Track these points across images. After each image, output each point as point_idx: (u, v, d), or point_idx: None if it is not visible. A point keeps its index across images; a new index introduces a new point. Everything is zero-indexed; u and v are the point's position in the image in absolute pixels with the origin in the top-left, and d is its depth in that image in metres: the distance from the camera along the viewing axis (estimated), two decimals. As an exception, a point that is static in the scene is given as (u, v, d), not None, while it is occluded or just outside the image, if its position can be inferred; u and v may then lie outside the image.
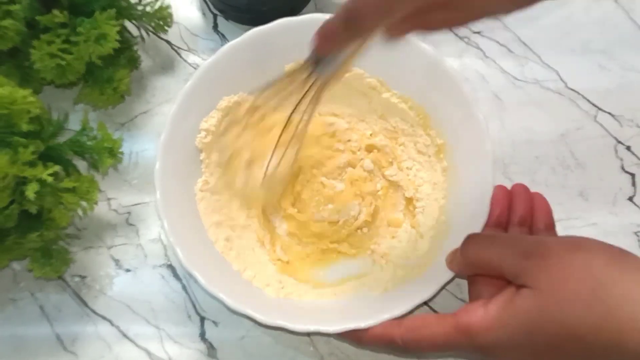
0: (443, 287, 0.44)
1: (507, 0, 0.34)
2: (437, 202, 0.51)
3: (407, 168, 0.53)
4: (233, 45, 0.50)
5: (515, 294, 0.38)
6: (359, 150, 0.54)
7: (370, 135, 0.54)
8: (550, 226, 0.47)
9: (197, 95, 0.49)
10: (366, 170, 0.53)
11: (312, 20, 0.50)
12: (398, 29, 0.37)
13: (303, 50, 0.51)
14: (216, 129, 0.50)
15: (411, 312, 0.43)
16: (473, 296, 0.44)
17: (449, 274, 0.44)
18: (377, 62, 0.51)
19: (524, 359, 0.39)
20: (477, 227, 0.45)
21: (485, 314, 0.39)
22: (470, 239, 0.42)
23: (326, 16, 0.49)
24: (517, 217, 0.47)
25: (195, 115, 0.49)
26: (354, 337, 0.43)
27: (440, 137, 0.51)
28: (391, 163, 0.53)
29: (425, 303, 0.44)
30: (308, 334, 0.49)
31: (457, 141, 0.49)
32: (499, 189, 0.47)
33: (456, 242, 0.44)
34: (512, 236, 0.41)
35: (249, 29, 0.50)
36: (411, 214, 0.52)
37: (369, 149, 0.54)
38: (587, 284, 0.35)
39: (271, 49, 0.51)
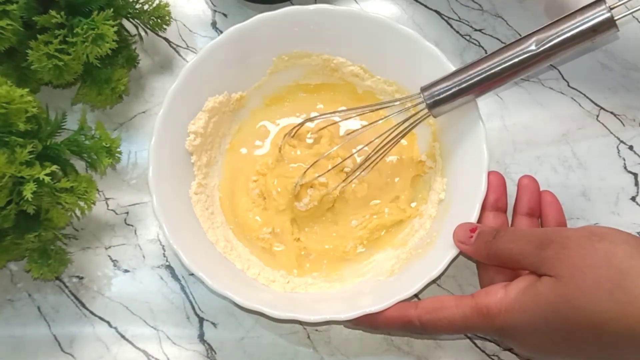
0: (449, 265, 0.44)
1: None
2: (434, 182, 0.51)
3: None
4: (214, 44, 0.50)
5: (537, 280, 0.39)
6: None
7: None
8: (562, 224, 0.48)
9: (183, 96, 0.49)
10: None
11: (288, 13, 0.50)
12: None
13: (283, 44, 0.52)
14: (204, 131, 0.50)
15: (421, 292, 0.44)
16: (485, 280, 0.45)
17: (454, 251, 0.44)
18: (358, 49, 0.51)
19: (542, 343, 0.39)
20: (475, 204, 0.45)
21: (506, 296, 0.40)
22: (495, 235, 0.42)
23: (303, 7, 0.50)
24: (525, 209, 0.48)
25: (183, 117, 0.49)
26: (368, 321, 0.44)
27: (429, 117, 0.51)
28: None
29: (420, 292, 0.45)
30: (322, 324, 0.49)
31: (448, 120, 0.49)
32: (493, 176, 0.47)
33: (456, 220, 0.45)
34: (531, 230, 0.42)
35: (255, 14, 0.50)
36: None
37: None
38: (608, 274, 0.36)
39: (252, 45, 0.51)
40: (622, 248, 0.37)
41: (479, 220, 0.46)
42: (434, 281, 0.44)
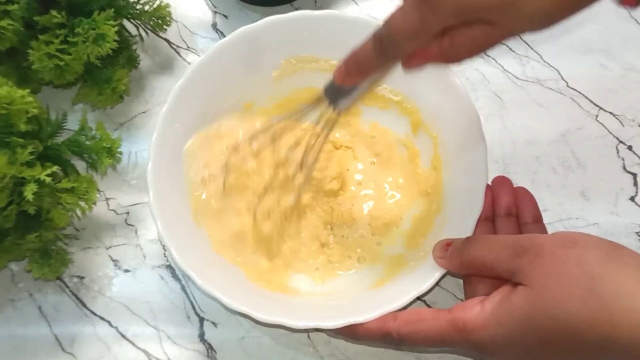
0: (440, 279, 0.44)
1: (536, 22, 0.34)
2: (433, 197, 0.51)
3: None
4: (222, 45, 0.50)
5: (511, 291, 0.38)
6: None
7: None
8: (538, 219, 0.48)
9: (188, 95, 0.49)
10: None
11: (298, 17, 0.51)
12: (416, 59, 0.37)
13: (291, 47, 0.52)
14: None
15: (409, 305, 0.43)
16: (469, 294, 0.45)
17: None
18: None
19: (520, 356, 0.39)
20: (472, 219, 0.45)
21: (481, 311, 0.39)
22: (464, 242, 0.43)
23: (314, 12, 0.51)
24: (503, 209, 0.48)
25: (186, 116, 0.49)
26: (350, 331, 0.43)
27: (432, 130, 0.51)
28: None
29: (419, 298, 0.44)
30: (306, 331, 0.49)
31: (450, 133, 0.49)
32: (504, 182, 0.48)
33: (451, 235, 0.45)
34: (504, 237, 0.42)
35: (258, 17, 0.50)
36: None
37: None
38: (581, 280, 0.36)
39: (260, 47, 0.51)
40: (594, 253, 0.36)
41: (496, 228, 0.47)
42: (424, 294, 0.44)
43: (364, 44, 0.37)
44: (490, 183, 0.49)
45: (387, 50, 0.36)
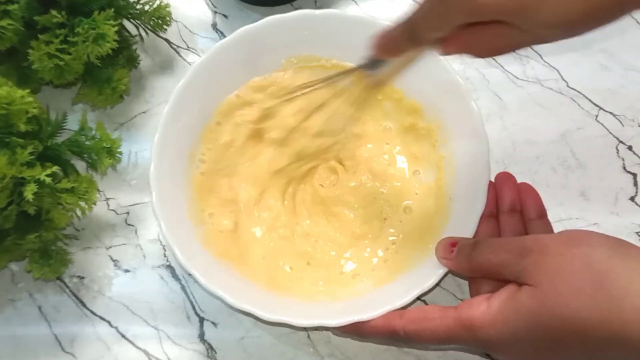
0: (442, 278, 0.44)
1: (554, 28, 0.34)
2: (434, 194, 0.51)
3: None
4: (223, 45, 0.50)
5: (518, 290, 0.38)
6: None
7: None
8: (543, 215, 0.48)
9: (190, 95, 0.49)
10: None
11: (298, 17, 0.51)
12: (449, 47, 0.38)
13: (292, 47, 0.52)
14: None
15: (412, 303, 0.44)
16: (473, 291, 0.45)
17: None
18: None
19: (526, 354, 0.39)
20: (474, 216, 0.45)
21: (488, 309, 0.39)
22: (470, 247, 0.43)
23: (314, 12, 0.51)
24: (506, 205, 0.48)
25: (188, 116, 0.49)
26: (355, 329, 0.43)
27: (433, 128, 0.51)
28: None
29: (420, 297, 0.44)
30: (308, 330, 0.49)
31: (451, 132, 0.49)
32: (508, 179, 0.48)
33: (453, 233, 0.45)
34: (508, 239, 0.41)
35: (258, 17, 0.51)
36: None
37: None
38: (588, 278, 0.35)
39: (262, 47, 0.51)
40: (600, 250, 0.36)
41: (500, 224, 0.47)
42: (426, 293, 0.44)
43: (397, 27, 0.38)
44: (493, 180, 0.49)
45: (413, 36, 0.37)
